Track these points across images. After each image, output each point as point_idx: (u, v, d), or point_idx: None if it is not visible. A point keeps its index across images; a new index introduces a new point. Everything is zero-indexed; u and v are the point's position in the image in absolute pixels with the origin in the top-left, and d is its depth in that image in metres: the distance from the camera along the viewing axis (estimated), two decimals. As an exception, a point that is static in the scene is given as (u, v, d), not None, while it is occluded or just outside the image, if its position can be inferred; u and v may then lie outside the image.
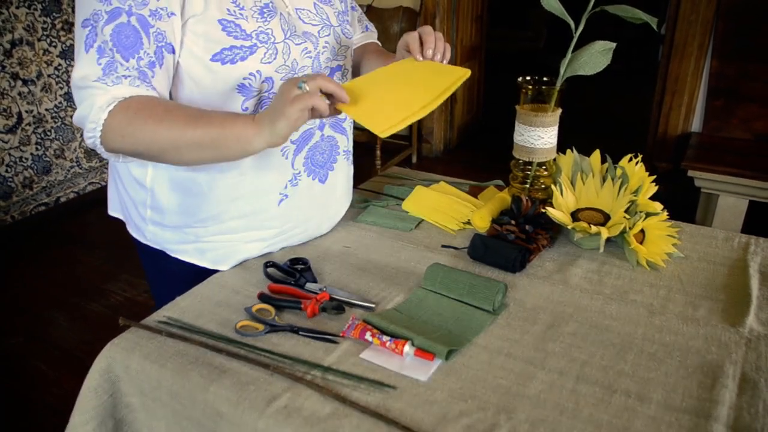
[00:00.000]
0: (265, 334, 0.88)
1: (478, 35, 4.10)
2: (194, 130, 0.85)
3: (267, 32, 0.92)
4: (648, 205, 1.09)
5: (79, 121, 0.88)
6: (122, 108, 0.85)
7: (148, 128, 0.85)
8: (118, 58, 0.84)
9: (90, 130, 0.86)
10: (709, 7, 2.69)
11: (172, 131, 0.85)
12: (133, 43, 0.84)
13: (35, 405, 1.93)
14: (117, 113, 0.84)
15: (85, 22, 0.84)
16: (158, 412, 0.84)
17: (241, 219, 1.02)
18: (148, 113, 0.85)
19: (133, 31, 0.84)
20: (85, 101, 0.85)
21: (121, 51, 0.84)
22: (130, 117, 0.84)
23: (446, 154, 4.05)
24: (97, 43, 0.84)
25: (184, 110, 0.88)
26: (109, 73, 0.84)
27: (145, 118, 0.85)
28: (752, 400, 0.75)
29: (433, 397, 0.76)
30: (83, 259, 2.81)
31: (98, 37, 0.84)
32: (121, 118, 0.84)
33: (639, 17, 1.04)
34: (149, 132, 0.85)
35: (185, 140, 0.86)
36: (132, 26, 0.84)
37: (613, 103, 5.23)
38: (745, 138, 2.76)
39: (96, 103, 0.84)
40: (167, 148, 0.87)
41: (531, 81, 1.12)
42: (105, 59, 0.84)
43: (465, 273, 0.98)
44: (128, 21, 0.84)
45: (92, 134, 0.86)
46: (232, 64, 0.90)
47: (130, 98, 0.85)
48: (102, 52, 0.84)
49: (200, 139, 0.86)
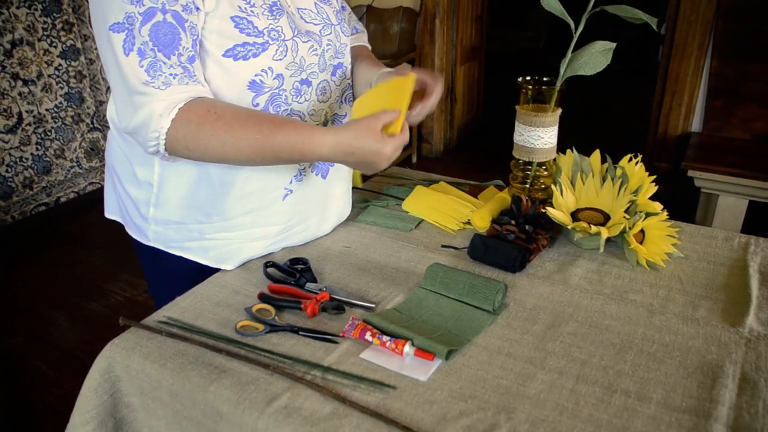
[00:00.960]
0: (265, 334, 0.88)
1: (478, 35, 4.10)
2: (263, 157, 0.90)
3: (277, 29, 0.93)
4: (648, 205, 1.09)
5: (136, 129, 0.87)
6: (184, 119, 0.86)
7: (213, 148, 0.88)
8: (160, 57, 0.84)
9: (152, 138, 0.87)
10: (709, 7, 2.69)
11: (239, 155, 0.89)
12: (171, 39, 0.85)
13: (35, 405, 1.94)
14: (180, 125, 0.86)
15: (117, 26, 0.83)
16: (158, 412, 0.85)
17: (246, 215, 1.02)
18: (210, 131, 0.86)
19: (171, 28, 0.84)
20: (142, 108, 0.85)
21: (162, 49, 0.84)
22: (193, 132, 0.86)
23: (446, 154, 4.05)
24: (136, 45, 0.83)
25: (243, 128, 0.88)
26: (155, 74, 0.84)
27: (208, 138, 0.86)
28: (752, 400, 0.75)
29: (433, 397, 0.76)
30: (83, 259, 2.81)
31: (137, 39, 0.83)
32: (185, 132, 0.86)
33: (639, 17, 1.04)
34: (215, 152, 0.88)
35: (257, 160, 0.91)
36: (169, 23, 0.84)
37: (613, 103, 5.23)
38: (745, 138, 2.76)
39: (155, 110, 0.85)
40: (235, 161, 0.92)
41: (531, 81, 1.12)
42: (147, 60, 0.84)
43: (465, 273, 0.98)
44: (164, 19, 0.84)
45: (155, 142, 0.87)
46: (244, 61, 0.91)
47: (188, 107, 0.86)
48: (143, 53, 0.83)
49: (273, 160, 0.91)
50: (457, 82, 3.93)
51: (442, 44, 3.68)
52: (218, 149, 0.88)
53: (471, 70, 4.12)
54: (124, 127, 0.89)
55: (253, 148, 0.88)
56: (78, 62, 3.22)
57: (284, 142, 0.88)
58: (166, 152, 0.89)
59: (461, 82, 4.00)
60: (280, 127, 0.89)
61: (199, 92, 0.89)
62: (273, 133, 0.88)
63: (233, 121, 0.87)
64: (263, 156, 0.89)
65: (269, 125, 0.89)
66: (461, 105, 4.10)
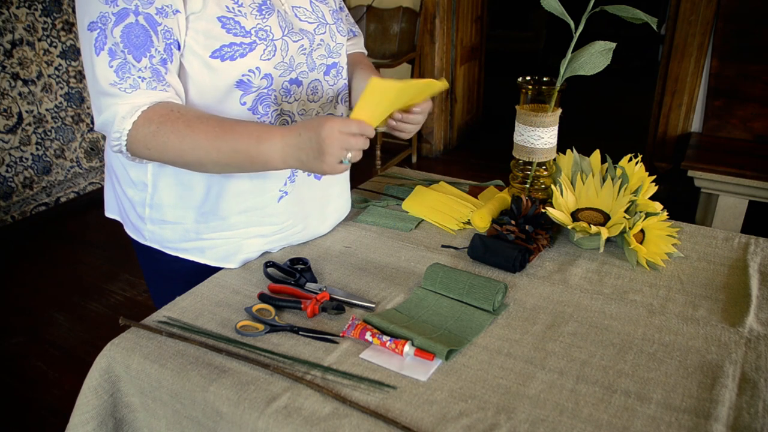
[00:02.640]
0: (265, 334, 0.88)
1: (478, 36, 4.10)
2: (218, 153, 0.87)
3: (266, 29, 0.93)
4: (648, 205, 1.09)
5: (101, 128, 0.89)
6: (145, 121, 0.86)
7: (172, 144, 0.87)
8: (130, 59, 0.85)
9: (115, 138, 0.88)
10: (709, 7, 2.69)
11: (196, 151, 0.87)
12: (143, 42, 0.85)
13: (35, 405, 1.93)
14: (140, 126, 0.86)
15: (92, 25, 0.84)
16: (158, 412, 0.85)
17: (241, 215, 1.02)
18: (170, 129, 0.86)
19: (143, 31, 0.85)
20: (107, 110, 0.86)
21: (132, 51, 0.84)
22: (153, 131, 0.86)
23: (446, 154, 4.05)
24: (107, 45, 0.84)
25: (205, 125, 0.87)
26: (123, 76, 0.85)
27: (168, 134, 0.86)
28: (752, 400, 0.75)
29: (433, 397, 0.76)
30: (83, 259, 2.81)
31: (108, 40, 0.84)
32: (145, 132, 0.86)
33: (639, 17, 1.04)
34: (173, 149, 0.87)
35: (210, 159, 0.88)
36: (141, 25, 0.84)
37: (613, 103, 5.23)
38: (745, 138, 2.76)
39: (119, 112, 0.86)
40: (192, 163, 0.90)
41: (531, 81, 1.12)
42: (117, 61, 0.84)
43: (465, 273, 0.98)
44: (136, 21, 0.84)
45: (117, 142, 0.88)
46: (231, 61, 0.90)
47: (151, 109, 0.86)
48: (113, 54, 0.84)
49: (225, 161, 0.88)
50: (457, 82, 3.93)
51: (442, 44, 3.68)
52: (177, 146, 0.86)
53: (471, 70, 4.12)
54: (96, 126, 0.90)
55: (210, 147, 0.86)
56: (78, 62, 3.22)
57: (236, 142, 0.86)
58: (128, 152, 0.90)
59: (461, 82, 4.00)
60: (236, 127, 0.88)
61: (166, 98, 0.88)
62: (229, 131, 0.87)
63: (194, 119, 0.87)
64: (219, 155, 0.87)
65: (229, 124, 0.88)
66: (461, 105, 4.10)
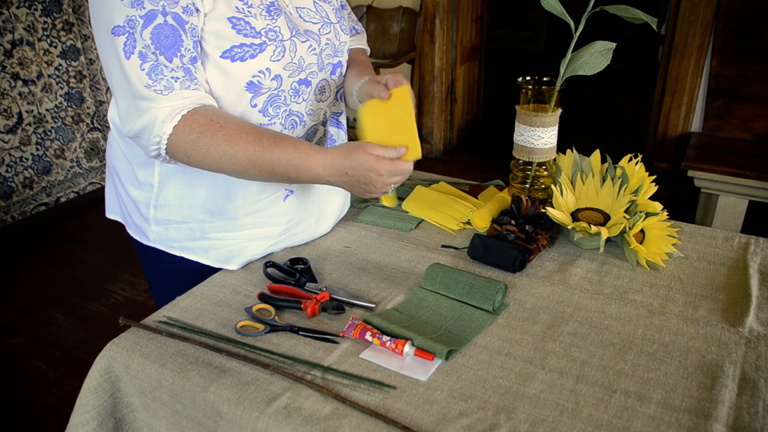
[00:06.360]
0: (265, 334, 0.88)
1: (478, 36, 4.10)
2: (258, 172, 0.90)
3: (275, 30, 0.93)
4: (648, 205, 1.09)
5: (138, 132, 0.88)
6: (186, 127, 0.86)
7: (211, 157, 0.88)
8: (162, 60, 0.84)
9: (154, 143, 0.88)
10: (709, 7, 2.69)
11: (235, 167, 0.89)
12: (173, 42, 0.85)
13: (35, 405, 1.94)
14: (181, 132, 0.87)
15: (117, 29, 0.83)
16: (158, 412, 0.85)
17: (248, 216, 1.03)
18: (210, 141, 0.87)
19: (172, 30, 0.84)
20: (145, 113, 0.86)
21: (164, 52, 0.84)
22: (193, 141, 0.87)
23: (446, 154, 4.05)
24: (137, 48, 0.83)
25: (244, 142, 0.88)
26: (156, 78, 0.84)
27: (207, 146, 0.87)
28: (752, 400, 0.75)
29: (433, 397, 0.76)
30: (83, 259, 2.81)
31: (138, 43, 0.83)
32: (185, 140, 0.87)
33: (639, 17, 1.04)
34: (213, 162, 0.89)
35: (249, 174, 0.91)
36: (170, 25, 0.84)
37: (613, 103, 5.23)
38: (745, 138, 2.76)
39: (158, 116, 0.86)
40: (231, 174, 0.93)
41: (531, 81, 1.12)
42: (149, 63, 0.84)
43: (465, 273, 0.98)
44: (165, 21, 0.84)
45: (156, 146, 0.88)
46: (242, 62, 0.91)
47: (191, 115, 0.87)
48: (144, 57, 0.84)
49: (263, 178, 0.92)
50: (457, 82, 3.93)
51: (442, 44, 3.68)
52: (216, 159, 0.88)
53: (471, 70, 4.12)
54: (128, 131, 0.89)
55: (250, 161, 0.88)
56: (78, 62, 3.22)
57: (281, 157, 0.89)
58: (167, 156, 0.90)
59: (461, 82, 4.00)
60: (279, 142, 0.89)
61: (202, 98, 0.89)
62: (272, 147, 0.89)
63: (234, 132, 0.88)
64: (260, 169, 0.90)
65: (269, 139, 0.89)
66: (461, 105, 4.10)
